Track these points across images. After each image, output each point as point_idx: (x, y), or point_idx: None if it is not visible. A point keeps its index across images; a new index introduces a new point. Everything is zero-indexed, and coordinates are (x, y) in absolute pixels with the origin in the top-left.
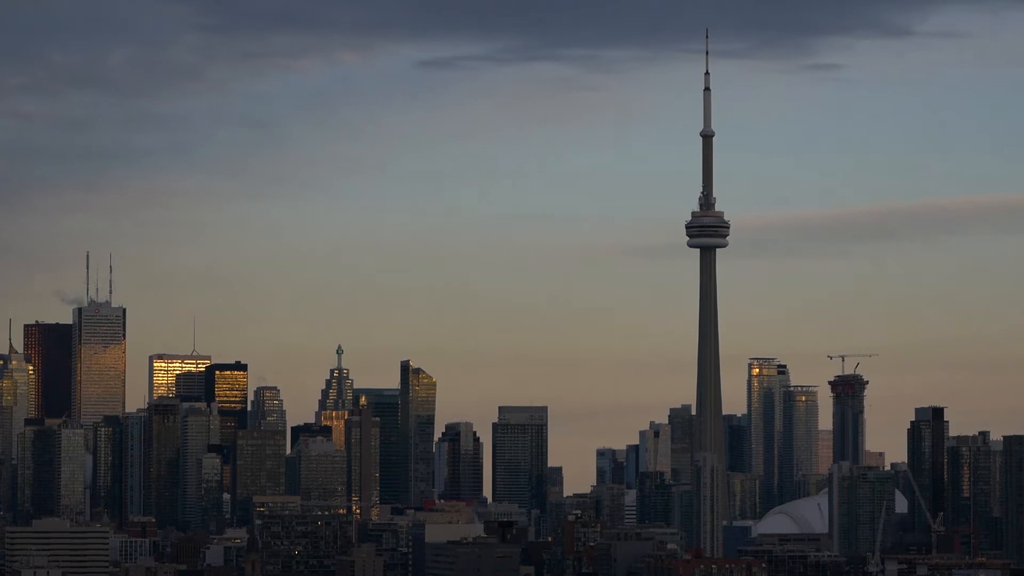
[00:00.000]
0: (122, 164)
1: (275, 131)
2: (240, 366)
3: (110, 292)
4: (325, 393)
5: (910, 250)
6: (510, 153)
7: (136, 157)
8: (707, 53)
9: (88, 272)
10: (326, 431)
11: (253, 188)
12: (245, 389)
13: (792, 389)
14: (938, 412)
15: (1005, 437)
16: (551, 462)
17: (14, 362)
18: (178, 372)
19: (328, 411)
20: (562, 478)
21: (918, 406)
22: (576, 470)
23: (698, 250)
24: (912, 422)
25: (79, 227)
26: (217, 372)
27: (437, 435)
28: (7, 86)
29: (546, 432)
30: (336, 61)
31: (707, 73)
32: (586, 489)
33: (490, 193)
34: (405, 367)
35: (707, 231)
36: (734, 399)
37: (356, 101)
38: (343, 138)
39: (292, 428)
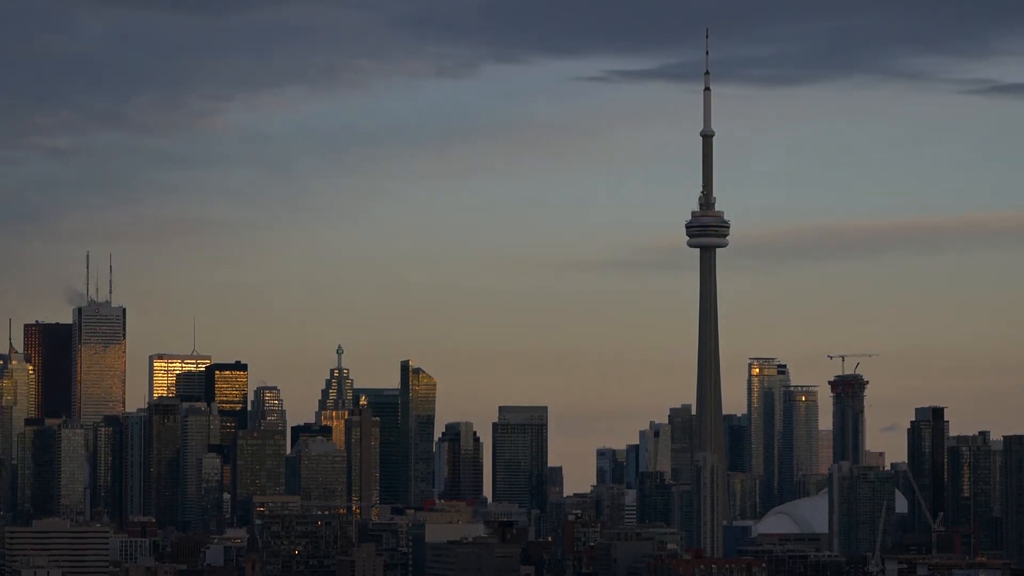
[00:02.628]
0: (142, 195)
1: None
2: (240, 366)
3: (110, 292)
4: (325, 393)
5: (911, 252)
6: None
7: (154, 190)
8: (707, 53)
9: (88, 272)
10: (326, 431)
11: (268, 215)
12: (245, 389)
13: (792, 389)
14: (938, 412)
15: (1005, 437)
16: (551, 462)
17: (14, 362)
18: (178, 372)
19: (328, 411)
20: (562, 478)
21: (918, 406)
22: (576, 470)
23: (698, 250)
24: (912, 422)
25: (80, 228)
26: (217, 372)
27: (437, 435)
28: (39, 124)
29: (546, 432)
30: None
31: (707, 73)
32: (586, 489)
33: (487, 194)
34: (405, 367)
35: (707, 231)
36: (734, 399)
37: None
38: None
39: (292, 428)
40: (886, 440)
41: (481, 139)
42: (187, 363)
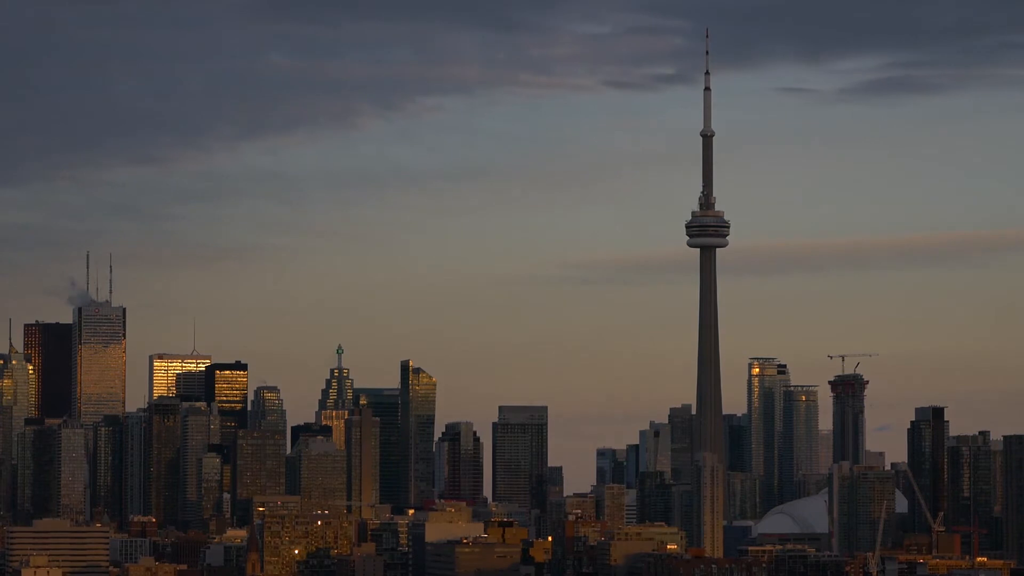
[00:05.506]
0: (157, 222)
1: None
2: (240, 366)
3: (110, 292)
4: (325, 393)
5: (913, 258)
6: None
7: (169, 218)
8: (707, 53)
9: (88, 272)
10: (326, 431)
11: (276, 238)
12: (245, 389)
13: (792, 389)
14: (938, 412)
15: (1005, 437)
16: (551, 462)
17: (14, 362)
18: (178, 372)
19: (328, 411)
20: (562, 478)
21: (918, 406)
22: (576, 470)
23: (698, 250)
24: (912, 422)
25: (81, 229)
26: (217, 372)
27: (437, 435)
28: (70, 161)
29: (546, 432)
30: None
31: (707, 73)
32: (586, 489)
33: (488, 199)
34: (405, 367)
35: (707, 231)
36: (734, 399)
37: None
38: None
39: (292, 428)
40: (884, 440)
41: (482, 172)
42: (187, 363)
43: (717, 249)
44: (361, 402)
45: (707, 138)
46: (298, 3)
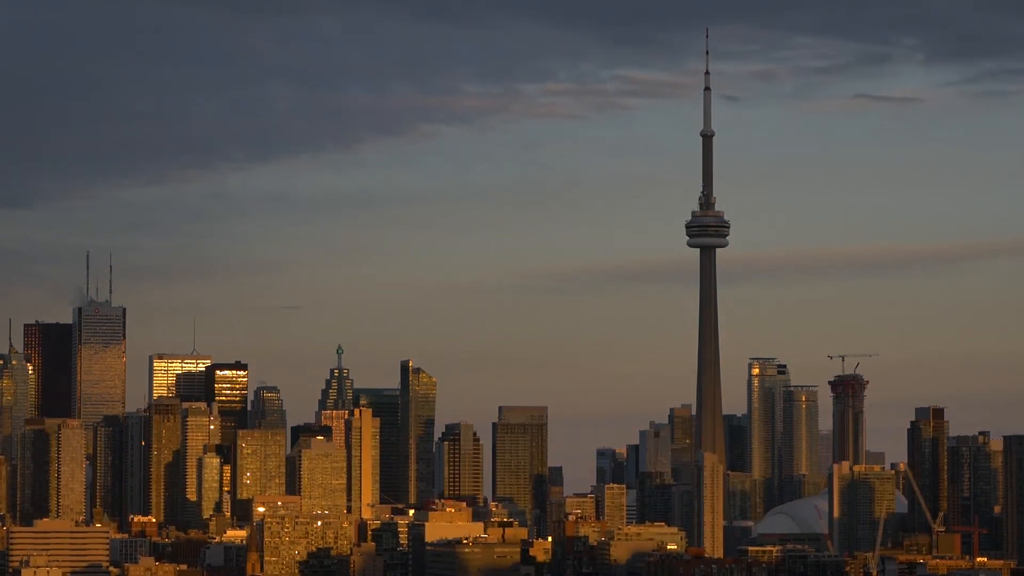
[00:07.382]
0: (166, 236)
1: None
2: (240, 366)
3: (110, 292)
4: (325, 393)
5: (912, 253)
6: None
7: (178, 234)
8: (707, 53)
9: (88, 272)
10: (326, 431)
11: (280, 249)
12: (245, 389)
13: (792, 389)
14: (938, 412)
15: (1005, 437)
16: (551, 462)
17: (14, 362)
18: (178, 372)
19: (328, 411)
20: (562, 478)
21: (918, 406)
22: (576, 470)
23: (698, 250)
24: (912, 422)
25: (80, 227)
26: (217, 372)
27: (437, 435)
28: (91, 182)
29: (546, 432)
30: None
31: (707, 73)
32: (586, 489)
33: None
34: (405, 367)
35: (707, 231)
36: (734, 399)
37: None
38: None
39: (292, 428)
40: (884, 440)
41: (481, 190)
42: (187, 363)
43: (717, 249)
44: (361, 402)
45: (707, 138)
46: (304, 37)
